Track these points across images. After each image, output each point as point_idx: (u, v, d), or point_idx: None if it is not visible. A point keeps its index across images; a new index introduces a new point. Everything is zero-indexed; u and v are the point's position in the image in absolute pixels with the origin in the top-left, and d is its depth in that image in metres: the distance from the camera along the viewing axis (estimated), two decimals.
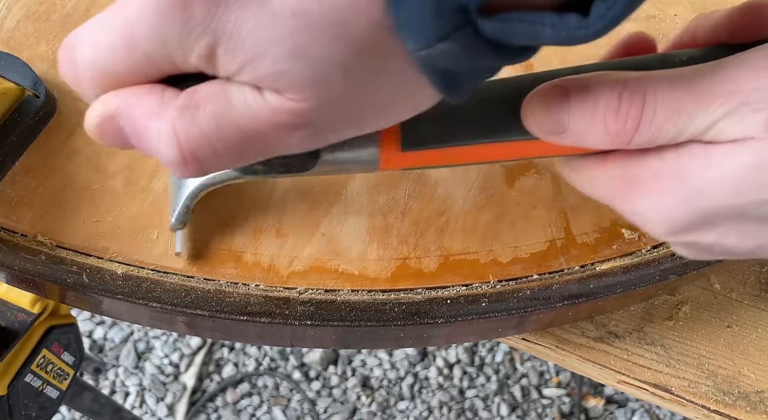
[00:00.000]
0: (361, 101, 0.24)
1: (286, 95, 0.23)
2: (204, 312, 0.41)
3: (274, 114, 0.24)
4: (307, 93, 0.23)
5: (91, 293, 0.42)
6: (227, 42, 0.23)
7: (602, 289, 0.44)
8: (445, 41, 0.21)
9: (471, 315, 0.42)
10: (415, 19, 0.21)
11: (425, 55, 0.22)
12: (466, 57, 0.22)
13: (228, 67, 0.23)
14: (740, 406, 0.48)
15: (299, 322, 0.41)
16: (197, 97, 0.25)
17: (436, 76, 0.23)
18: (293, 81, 0.23)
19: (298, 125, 0.24)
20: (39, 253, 0.42)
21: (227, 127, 0.24)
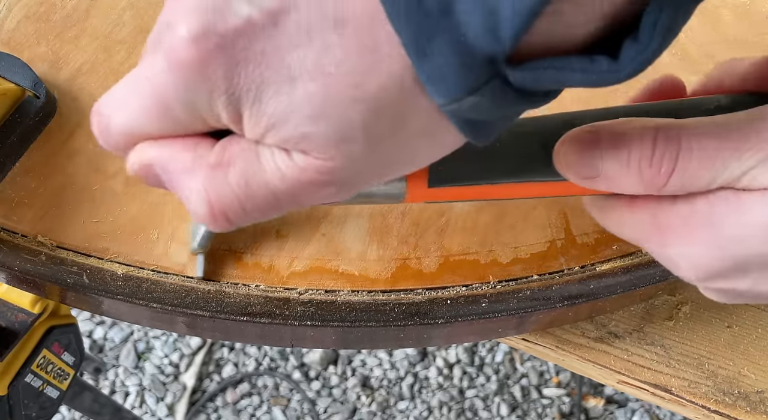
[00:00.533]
0: (385, 154, 0.25)
1: (312, 155, 0.24)
2: (204, 312, 0.41)
3: (301, 173, 0.24)
4: (332, 152, 0.23)
5: (91, 294, 0.42)
6: (250, 108, 0.23)
7: (602, 289, 0.44)
8: (473, 95, 0.21)
9: (471, 315, 0.42)
10: (443, 74, 0.21)
11: (453, 109, 0.22)
12: (494, 107, 0.22)
13: (254, 131, 0.24)
14: (740, 407, 0.48)
15: (299, 322, 0.41)
16: (228, 155, 0.25)
17: (463, 125, 0.23)
18: (317, 142, 0.23)
19: (326, 182, 0.24)
20: (39, 253, 0.42)
21: (257, 187, 0.25)
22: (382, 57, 0.21)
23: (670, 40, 0.22)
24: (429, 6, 0.20)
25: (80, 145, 0.45)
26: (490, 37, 0.20)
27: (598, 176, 0.29)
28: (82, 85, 0.46)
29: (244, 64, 0.22)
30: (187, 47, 0.22)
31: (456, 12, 0.20)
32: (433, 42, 0.20)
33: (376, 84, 0.22)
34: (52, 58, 0.47)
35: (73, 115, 0.45)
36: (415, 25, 0.20)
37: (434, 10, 0.20)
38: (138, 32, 0.48)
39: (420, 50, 0.21)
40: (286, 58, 0.22)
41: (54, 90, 0.46)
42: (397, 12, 0.20)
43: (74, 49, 0.47)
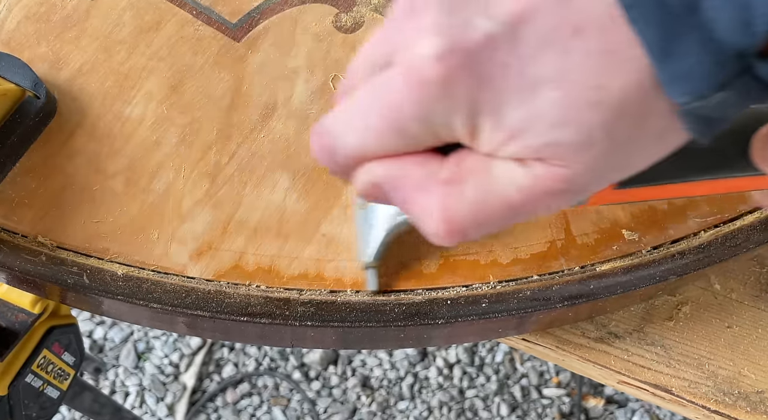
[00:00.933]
0: (620, 158, 0.25)
1: (552, 163, 0.24)
2: (204, 313, 0.41)
3: (538, 183, 0.24)
4: (572, 159, 0.23)
5: (91, 294, 0.42)
6: (490, 119, 0.23)
7: (602, 289, 0.44)
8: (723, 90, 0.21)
9: (471, 315, 0.42)
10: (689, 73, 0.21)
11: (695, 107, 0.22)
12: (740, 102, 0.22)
13: (490, 142, 0.24)
14: (740, 407, 0.48)
15: (299, 322, 0.41)
16: (461, 171, 0.25)
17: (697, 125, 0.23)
18: (559, 149, 0.23)
19: (562, 190, 0.25)
20: (39, 253, 0.42)
21: (493, 200, 0.25)
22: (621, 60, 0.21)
23: None
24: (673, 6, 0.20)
25: (80, 146, 0.45)
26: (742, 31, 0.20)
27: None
28: (82, 85, 0.46)
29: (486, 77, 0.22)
30: (432, 66, 0.22)
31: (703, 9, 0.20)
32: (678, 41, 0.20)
33: (616, 87, 0.22)
34: (52, 58, 0.47)
35: (73, 116, 0.45)
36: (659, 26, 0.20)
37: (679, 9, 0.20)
38: (138, 32, 0.48)
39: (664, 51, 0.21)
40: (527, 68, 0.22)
41: (54, 90, 0.46)
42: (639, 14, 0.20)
43: (74, 50, 0.47)
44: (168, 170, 0.44)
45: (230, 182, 0.44)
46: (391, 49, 0.24)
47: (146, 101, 0.46)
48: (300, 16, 0.48)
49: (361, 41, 0.48)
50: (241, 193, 0.44)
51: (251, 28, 0.48)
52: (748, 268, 0.52)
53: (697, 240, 0.45)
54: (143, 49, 0.47)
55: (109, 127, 0.45)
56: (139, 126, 0.45)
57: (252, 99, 0.46)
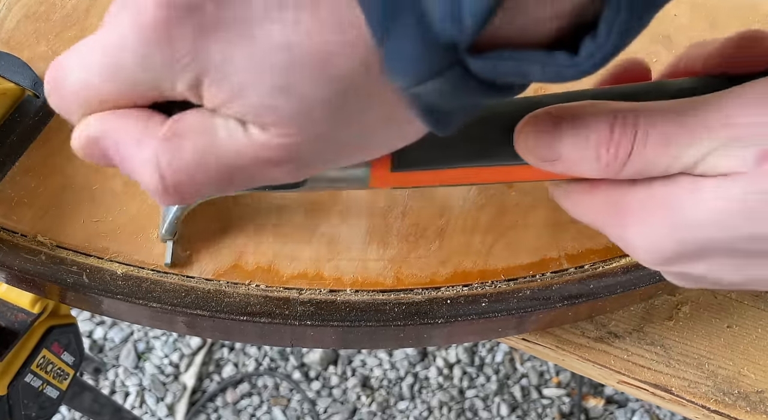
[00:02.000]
0: (346, 136, 0.24)
1: (271, 130, 0.23)
2: (204, 312, 0.41)
3: (258, 149, 0.24)
4: (292, 129, 0.23)
5: (91, 293, 0.42)
6: (213, 75, 0.23)
7: (602, 289, 0.44)
8: (435, 79, 0.21)
9: (471, 315, 0.42)
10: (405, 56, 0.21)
11: (415, 93, 0.22)
12: (455, 94, 0.22)
13: (213, 99, 0.23)
14: (740, 406, 0.48)
15: (299, 322, 0.41)
16: (181, 127, 0.24)
17: (425, 113, 0.23)
18: (278, 116, 0.23)
19: (282, 160, 0.24)
20: (39, 253, 0.42)
21: (211, 160, 0.24)
22: (350, 37, 0.21)
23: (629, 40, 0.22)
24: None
25: None
26: (453, 24, 0.20)
27: (557, 159, 0.29)
28: None
29: (211, 30, 0.22)
30: (156, 7, 0.22)
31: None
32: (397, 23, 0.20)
33: (343, 63, 0.22)
34: (52, 57, 0.47)
35: None
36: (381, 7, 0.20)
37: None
38: None
39: (384, 31, 0.21)
40: (255, 29, 0.22)
41: None
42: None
43: None
44: None
45: None
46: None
47: None
48: None
49: None
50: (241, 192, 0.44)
51: None
52: None
53: None
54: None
55: None
56: None
57: None
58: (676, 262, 0.29)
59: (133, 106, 0.25)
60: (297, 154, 0.24)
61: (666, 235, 0.28)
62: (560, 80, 0.22)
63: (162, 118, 0.25)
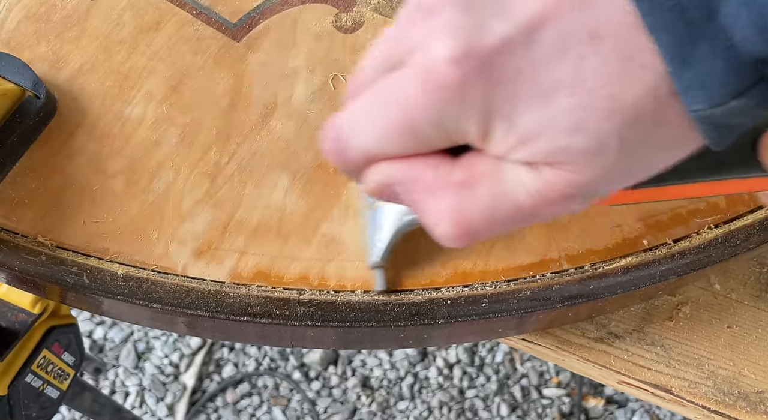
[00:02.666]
0: (632, 164, 0.25)
1: (563, 168, 0.24)
2: (204, 313, 0.41)
3: (549, 188, 0.24)
4: (584, 164, 0.23)
5: (91, 294, 0.42)
6: (502, 123, 0.23)
7: (602, 289, 0.44)
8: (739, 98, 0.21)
9: (471, 315, 0.42)
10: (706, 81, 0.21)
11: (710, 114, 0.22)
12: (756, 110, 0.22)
13: (502, 146, 0.24)
14: (740, 407, 0.48)
15: (299, 322, 0.41)
16: (473, 175, 0.25)
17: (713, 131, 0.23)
18: (572, 155, 0.23)
19: (572, 195, 0.25)
20: (39, 253, 0.42)
21: (503, 204, 0.25)
22: (637, 67, 0.21)
23: None
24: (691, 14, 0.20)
25: (80, 146, 0.45)
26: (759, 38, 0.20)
27: None
28: (83, 85, 0.46)
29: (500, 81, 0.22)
30: (448, 68, 0.22)
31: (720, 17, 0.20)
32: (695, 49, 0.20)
33: (631, 95, 0.22)
34: (52, 58, 0.47)
35: (73, 115, 0.45)
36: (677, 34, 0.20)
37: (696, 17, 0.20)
38: (138, 32, 0.48)
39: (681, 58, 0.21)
40: (542, 73, 0.22)
41: (54, 90, 0.46)
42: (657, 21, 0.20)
43: (74, 49, 0.47)
44: (168, 170, 0.44)
45: (230, 182, 0.44)
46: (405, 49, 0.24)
47: (146, 101, 0.46)
48: (300, 16, 0.48)
49: (361, 41, 0.48)
50: (241, 193, 0.44)
51: (251, 28, 0.48)
52: (748, 268, 0.52)
53: (697, 240, 0.45)
54: (143, 49, 0.47)
55: (109, 127, 0.45)
56: (139, 126, 0.45)
57: (252, 99, 0.46)
58: None
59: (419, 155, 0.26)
60: (587, 187, 0.24)
61: None
62: None
63: (449, 162, 0.26)
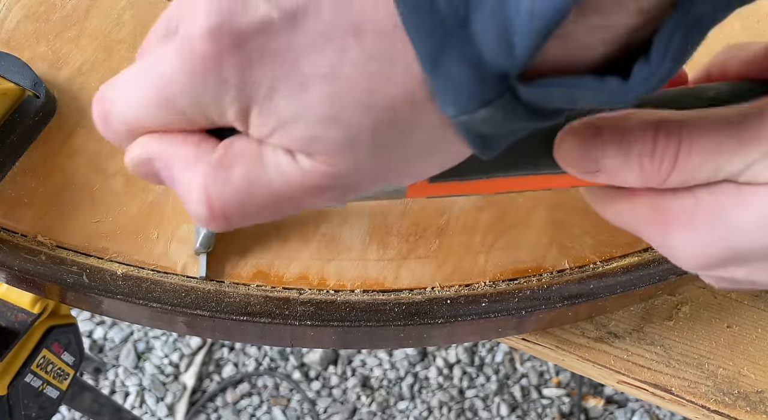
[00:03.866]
0: (390, 162, 0.25)
1: (318, 159, 0.24)
2: (204, 312, 0.41)
3: (305, 177, 0.24)
4: (339, 157, 0.23)
5: (91, 293, 0.42)
6: (260, 105, 0.23)
7: (602, 289, 0.44)
8: (485, 108, 0.21)
9: (471, 315, 0.42)
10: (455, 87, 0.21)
11: (462, 121, 0.22)
12: (504, 121, 0.22)
13: (260, 129, 0.24)
14: (740, 406, 0.48)
15: (299, 322, 0.41)
16: (230, 154, 0.25)
17: (471, 138, 0.23)
18: (325, 146, 0.23)
19: (328, 186, 0.25)
20: (39, 253, 0.42)
21: (258, 188, 0.25)
22: (397, 67, 0.22)
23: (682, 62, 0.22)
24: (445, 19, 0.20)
25: (80, 145, 0.45)
26: (503, 53, 0.20)
27: (598, 170, 0.29)
28: (82, 84, 0.46)
29: (258, 62, 0.22)
30: (203, 40, 0.22)
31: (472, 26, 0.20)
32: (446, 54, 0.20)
33: (389, 93, 0.22)
34: (52, 57, 0.47)
35: (73, 115, 0.45)
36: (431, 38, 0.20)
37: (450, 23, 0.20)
38: (138, 32, 0.48)
39: (434, 62, 0.21)
40: (302, 60, 0.22)
41: (54, 90, 0.46)
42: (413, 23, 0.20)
43: (74, 49, 0.47)
44: None
45: None
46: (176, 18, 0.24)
47: None
48: None
49: None
50: None
51: None
52: None
53: None
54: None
55: None
56: None
57: None
58: (719, 266, 0.29)
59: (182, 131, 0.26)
60: (342, 181, 0.24)
61: (711, 240, 0.28)
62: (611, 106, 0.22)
63: (213, 143, 0.25)
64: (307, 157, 0.24)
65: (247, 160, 0.25)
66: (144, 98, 0.25)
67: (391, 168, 0.25)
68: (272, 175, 0.24)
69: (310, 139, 0.23)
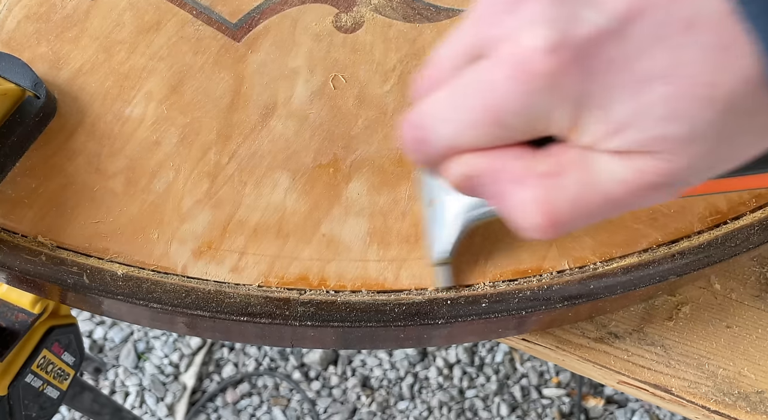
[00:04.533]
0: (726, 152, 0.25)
1: (659, 157, 0.24)
2: (204, 313, 0.41)
3: (641, 176, 0.24)
4: (678, 153, 0.24)
5: (91, 294, 0.42)
6: (595, 112, 0.23)
7: (602, 289, 0.44)
8: None
9: (471, 315, 0.42)
10: None
11: None
12: None
13: (594, 135, 0.24)
14: (740, 407, 0.48)
15: (299, 322, 0.41)
16: (560, 164, 0.25)
17: None
18: (667, 143, 0.23)
19: (663, 184, 0.25)
20: (39, 253, 0.42)
21: (591, 194, 0.25)
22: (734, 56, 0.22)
23: None
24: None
25: (80, 146, 0.45)
26: None
27: None
28: (83, 85, 0.46)
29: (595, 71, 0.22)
30: (542, 58, 0.22)
31: None
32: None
33: (728, 84, 0.22)
34: (52, 58, 0.47)
35: (74, 115, 0.46)
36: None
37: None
38: (138, 32, 0.48)
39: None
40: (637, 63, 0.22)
41: (54, 90, 0.46)
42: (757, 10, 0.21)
43: (74, 50, 0.47)
44: (168, 170, 0.44)
45: (230, 182, 0.44)
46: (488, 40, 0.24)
47: (146, 101, 0.46)
48: (300, 16, 0.48)
49: (361, 41, 0.48)
50: (241, 193, 0.44)
51: (251, 28, 0.48)
52: (748, 268, 0.52)
53: (697, 240, 0.45)
54: (143, 49, 0.47)
55: (109, 127, 0.45)
56: (139, 126, 0.45)
57: (252, 99, 0.46)
58: None
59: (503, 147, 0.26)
60: (679, 176, 0.24)
61: None
62: None
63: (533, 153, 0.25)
64: (643, 156, 0.24)
65: (579, 168, 0.25)
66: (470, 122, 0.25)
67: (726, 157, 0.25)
68: (605, 178, 0.25)
69: (651, 138, 0.23)
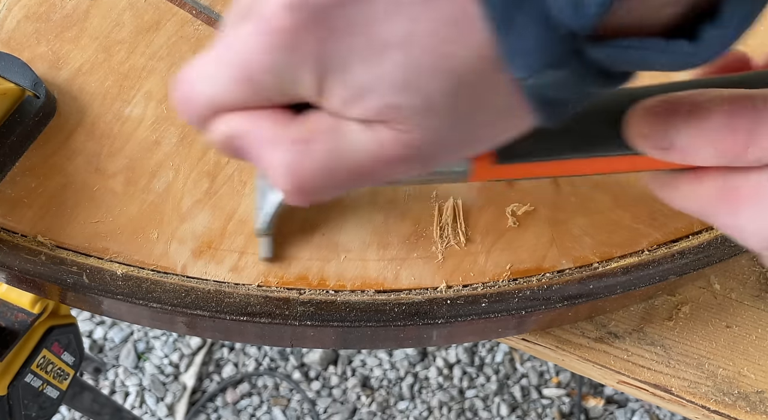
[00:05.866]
0: (464, 130, 0.25)
1: (396, 127, 0.24)
2: (204, 312, 0.41)
3: (383, 147, 0.25)
4: (415, 124, 0.24)
5: (91, 294, 0.42)
6: (336, 76, 0.23)
7: (602, 289, 0.44)
8: (555, 69, 0.22)
9: (471, 315, 0.42)
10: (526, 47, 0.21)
11: (532, 84, 0.22)
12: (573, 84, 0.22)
13: (337, 101, 0.24)
14: (740, 407, 0.48)
15: (299, 322, 0.41)
16: (309, 130, 0.25)
17: (539, 104, 0.24)
18: (403, 113, 0.24)
19: (406, 156, 0.25)
20: (39, 253, 0.42)
21: (337, 161, 0.25)
22: (468, 30, 0.22)
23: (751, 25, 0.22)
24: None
25: (80, 145, 0.45)
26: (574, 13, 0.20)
27: (670, 147, 0.29)
28: (82, 85, 0.46)
29: (334, 34, 0.23)
30: (283, 15, 0.23)
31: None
32: (517, 15, 0.21)
33: (461, 56, 0.22)
34: (52, 58, 0.47)
35: (73, 115, 0.46)
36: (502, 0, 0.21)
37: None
38: (138, 32, 0.48)
39: (504, 23, 0.21)
40: (375, 30, 0.22)
41: (54, 90, 0.46)
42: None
43: (74, 49, 0.47)
44: (168, 170, 0.44)
45: (230, 182, 0.44)
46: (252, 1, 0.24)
47: (146, 101, 0.46)
48: None
49: None
50: (241, 192, 0.44)
51: None
52: (748, 268, 0.52)
53: (697, 240, 0.45)
54: (143, 49, 0.47)
55: (109, 127, 0.45)
56: (139, 126, 0.45)
57: None
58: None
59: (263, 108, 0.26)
60: (419, 150, 0.25)
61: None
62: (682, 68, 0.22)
63: (292, 117, 0.26)
64: (385, 126, 0.24)
65: (326, 134, 0.25)
66: (225, 76, 0.25)
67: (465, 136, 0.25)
68: (351, 147, 0.25)
69: (386, 107, 0.23)
